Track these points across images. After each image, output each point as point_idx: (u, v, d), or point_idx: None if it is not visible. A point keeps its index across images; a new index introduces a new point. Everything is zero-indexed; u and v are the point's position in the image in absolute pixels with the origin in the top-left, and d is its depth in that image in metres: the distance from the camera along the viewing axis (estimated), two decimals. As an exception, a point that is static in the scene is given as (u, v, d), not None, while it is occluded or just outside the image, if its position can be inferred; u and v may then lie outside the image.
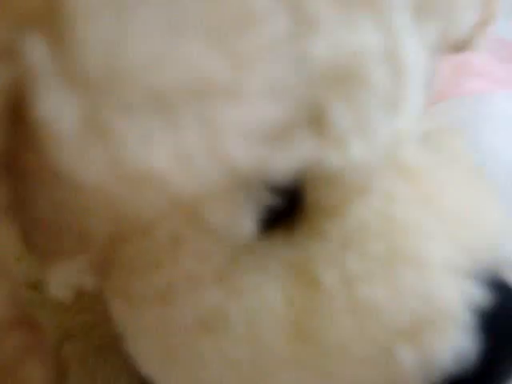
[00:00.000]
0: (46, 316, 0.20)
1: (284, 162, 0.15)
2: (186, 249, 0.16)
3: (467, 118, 0.28)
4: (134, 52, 0.13)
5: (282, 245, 0.17)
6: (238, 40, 0.13)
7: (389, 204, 0.16)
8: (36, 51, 0.13)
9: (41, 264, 0.18)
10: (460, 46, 0.21)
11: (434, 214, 0.17)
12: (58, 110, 0.13)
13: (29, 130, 0.14)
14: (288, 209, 0.16)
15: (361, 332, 0.15)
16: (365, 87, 0.15)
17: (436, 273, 0.16)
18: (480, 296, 0.15)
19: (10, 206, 0.15)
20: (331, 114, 0.15)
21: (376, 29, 0.15)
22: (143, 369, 0.19)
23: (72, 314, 0.25)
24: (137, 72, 0.13)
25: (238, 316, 0.16)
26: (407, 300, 0.15)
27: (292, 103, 0.14)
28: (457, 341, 0.15)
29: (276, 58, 0.13)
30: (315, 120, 0.15)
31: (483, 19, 0.21)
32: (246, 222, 0.16)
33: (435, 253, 0.16)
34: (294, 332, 0.16)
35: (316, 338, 0.16)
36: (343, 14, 0.14)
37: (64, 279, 0.17)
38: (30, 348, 0.18)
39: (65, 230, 0.17)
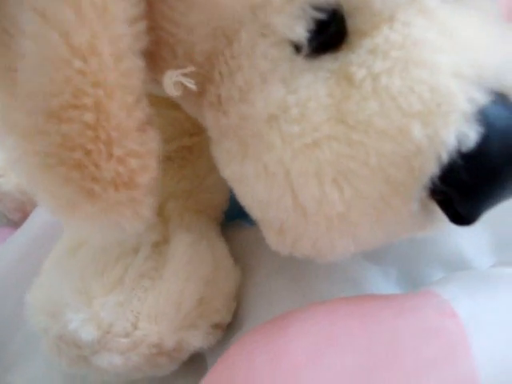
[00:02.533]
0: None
1: None
2: (260, 54, 0.22)
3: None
4: None
5: (329, 60, 0.22)
6: None
7: (409, 28, 0.21)
8: None
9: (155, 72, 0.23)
10: None
11: (448, 37, 0.21)
12: None
13: None
14: (332, 34, 0.21)
15: (382, 111, 0.20)
16: None
17: (445, 75, 0.20)
18: (483, 101, 0.19)
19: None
20: None
21: None
22: (225, 172, 0.25)
23: (175, 181, 0.33)
24: None
25: (294, 104, 0.22)
26: (420, 89, 0.20)
27: None
28: (459, 126, 0.19)
29: None
30: None
31: None
32: (302, 31, 0.21)
33: (447, 62, 0.20)
34: (333, 113, 0.21)
35: (349, 116, 0.21)
36: None
37: (174, 80, 0.22)
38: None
39: (177, 43, 0.23)
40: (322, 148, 0.21)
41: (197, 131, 0.34)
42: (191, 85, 0.22)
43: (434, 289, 0.23)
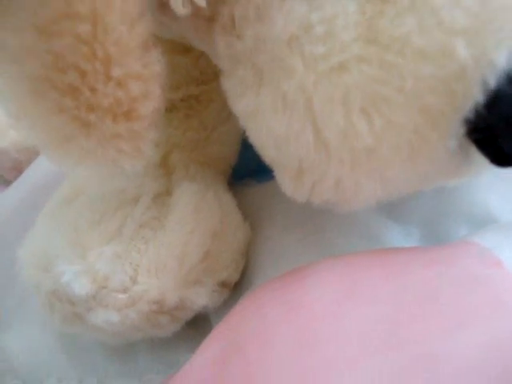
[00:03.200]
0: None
1: None
2: None
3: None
4: None
5: None
6: None
7: None
8: None
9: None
10: None
11: None
12: None
13: None
14: None
15: (421, 28, 0.17)
16: None
17: None
18: None
19: None
20: None
21: None
22: (237, 106, 0.22)
23: (181, 131, 0.30)
24: None
25: (319, 22, 0.19)
26: (467, 1, 0.17)
27: None
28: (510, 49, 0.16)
29: None
30: None
31: None
32: None
33: None
34: (364, 32, 0.18)
35: (382, 34, 0.18)
36: None
37: None
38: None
39: None
40: (351, 71, 0.18)
41: (205, 79, 0.31)
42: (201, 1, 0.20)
43: (472, 239, 0.21)
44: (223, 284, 0.27)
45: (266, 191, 0.31)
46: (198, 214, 0.26)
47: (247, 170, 0.34)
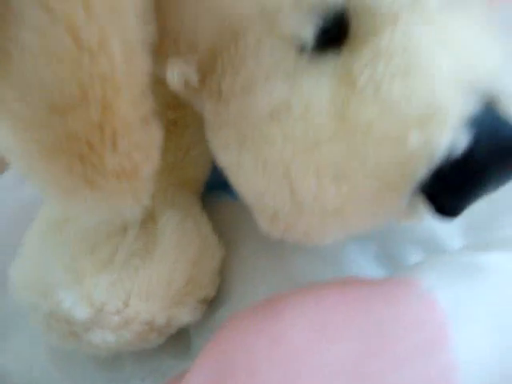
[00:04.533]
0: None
1: None
2: (265, 52, 0.22)
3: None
4: None
5: (332, 58, 0.22)
6: None
7: (411, 32, 0.21)
8: None
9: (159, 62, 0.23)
10: None
11: (447, 42, 0.22)
12: None
13: None
14: (336, 35, 0.22)
15: (382, 117, 0.21)
16: None
17: (442, 82, 0.21)
18: (475, 107, 0.20)
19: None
20: None
21: None
22: (221, 159, 0.26)
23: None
24: None
25: (297, 103, 0.22)
26: (418, 97, 0.21)
27: None
28: (452, 133, 0.20)
29: None
30: None
31: None
32: (308, 32, 0.21)
33: (445, 68, 0.21)
34: (335, 115, 0.22)
35: (350, 118, 0.21)
36: None
37: (177, 71, 0.23)
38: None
39: (181, 36, 0.23)
40: (323, 148, 0.22)
41: (181, 104, 0.34)
42: (193, 76, 0.23)
43: (414, 276, 0.25)
44: (203, 301, 0.30)
45: (239, 209, 0.34)
46: (180, 245, 0.29)
47: (218, 183, 0.37)
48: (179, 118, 0.34)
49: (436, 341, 0.22)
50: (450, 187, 0.22)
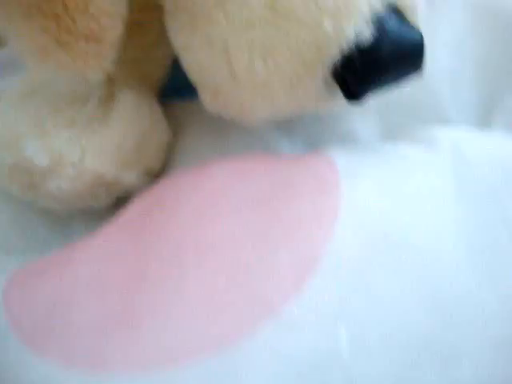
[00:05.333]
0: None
1: None
2: None
3: None
4: None
5: None
6: None
7: None
8: None
9: None
10: None
11: None
12: None
13: None
14: None
15: (304, 4, 0.25)
16: None
17: None
18: (384, 9, 0.26)
19: None
20: None
21: None
22: (177, 42, 0.30)
23: (123, 49, 0.31)
24: None
25: None
26: None
27: None
28: (359, 25, 0.25)
29: None
30: None
31: None
32: None
33: None
34: (267, 3, 0.26)
35: (278, 7, 0.26)
36: None
37: None
38: None
39: None
40: (256, 30, 0.27)
41: (147, 8, 0.38)
42: None
43: (323, 151, 0.30)
44: (148, 172, 0.35)
45: (187, 108, 0.39)
46: (133, 116, 0.34)
47: (173, 90, 0.41)
48: (145, 19, 0.38)
49: (328, 186, 0.27)
50: (356, 73, 0.27)
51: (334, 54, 0.26)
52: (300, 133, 0.36)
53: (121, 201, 0.35)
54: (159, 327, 0.23)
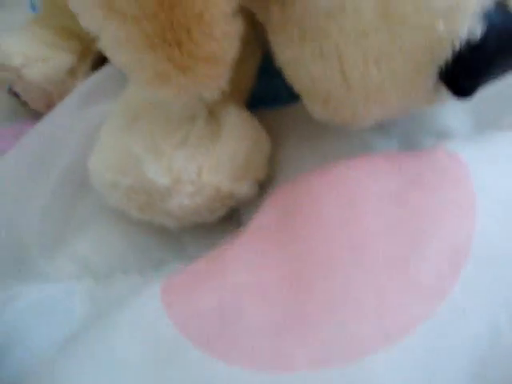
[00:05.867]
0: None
1: None
2: None
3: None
4: None
5: None
6: None
7: None
8: None
9: None
10: None
11: None
12: None
13: None
14: None
15: (416, 10, 0.26)
16: None
17: None
18: (489, 4, 0.26)
19: None
20: None
21: None
22: (284, 55, 0.32)
23: None
24: None
25: (350, 4, 0.28)
26: None
27: None
28: (470, 23, 0.26)
29: None
30: None
31: None
32: None
33: None
34: (380, 11, 0.27)
35: (391, 13, 0.27)
36: None
37: None
38: None
39: None
40: (369, 38, 0.28)
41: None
42: None
43: (439, 145, 0.32)
44: (256, 182, 0.36)
45: (277, 116, 0.40)
46: (240, 130, 0.35)
47: (259, 100, 0.43)
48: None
49: (460, 179, 0.28)
50: (467, 69, 0.28)
51: (446, 53, 0.27)
52: (395, 131, 0.38)
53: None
54: (333, 326, 0.24)
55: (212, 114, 0.36)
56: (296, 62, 0.31)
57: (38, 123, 0.47)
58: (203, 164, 0.33)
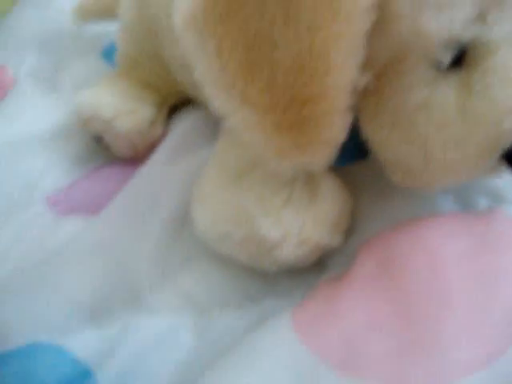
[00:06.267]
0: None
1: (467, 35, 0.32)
2: (419, 68, 0.34)
3: None
4: None
5: (455, 73, 0.33)
6: None
7: (507, 57, 0.32)
8: None
9: None
10: None
11: None
12: None
13: None
14: (459, 58, 0.33)
15: (489, 109, 0.32)
16: None
17: None
18: None
19: None
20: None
21: None
22: (373, 137, 0.38)
23: None
24: None
25: (434, 101, 0.34)
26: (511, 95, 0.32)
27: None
28: None
29: None
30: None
31: None
32: (447, 58, 0.33)
33: None
34: (459, 107, 0.33)
35: (468, 110, 0.33)
36: None
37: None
38: None
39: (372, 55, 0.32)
40: (450, 129, 0.34)
41: None
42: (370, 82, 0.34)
43: (497, 207, 0.40)
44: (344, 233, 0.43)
45: (352, 172, 0.47)
46: (333, 189, 0.42)
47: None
48: None
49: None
50: None
51: (508, 144, 0.34)
52: (452, 191, 0.45)
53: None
54: (438, 352, 0.32)
55: (311, 175, 0.42)
56: (385, 143, 0.38)
57: (133, 179, 0.53)
58: (305, 220, 0.40)
